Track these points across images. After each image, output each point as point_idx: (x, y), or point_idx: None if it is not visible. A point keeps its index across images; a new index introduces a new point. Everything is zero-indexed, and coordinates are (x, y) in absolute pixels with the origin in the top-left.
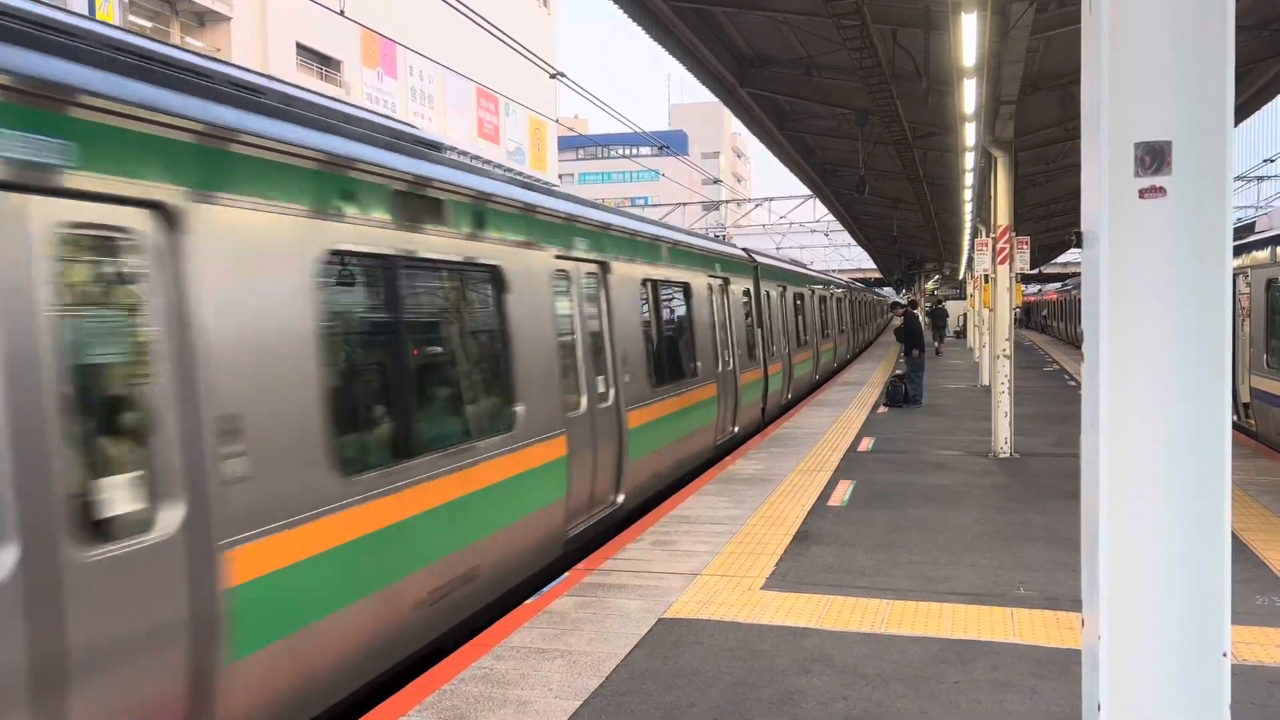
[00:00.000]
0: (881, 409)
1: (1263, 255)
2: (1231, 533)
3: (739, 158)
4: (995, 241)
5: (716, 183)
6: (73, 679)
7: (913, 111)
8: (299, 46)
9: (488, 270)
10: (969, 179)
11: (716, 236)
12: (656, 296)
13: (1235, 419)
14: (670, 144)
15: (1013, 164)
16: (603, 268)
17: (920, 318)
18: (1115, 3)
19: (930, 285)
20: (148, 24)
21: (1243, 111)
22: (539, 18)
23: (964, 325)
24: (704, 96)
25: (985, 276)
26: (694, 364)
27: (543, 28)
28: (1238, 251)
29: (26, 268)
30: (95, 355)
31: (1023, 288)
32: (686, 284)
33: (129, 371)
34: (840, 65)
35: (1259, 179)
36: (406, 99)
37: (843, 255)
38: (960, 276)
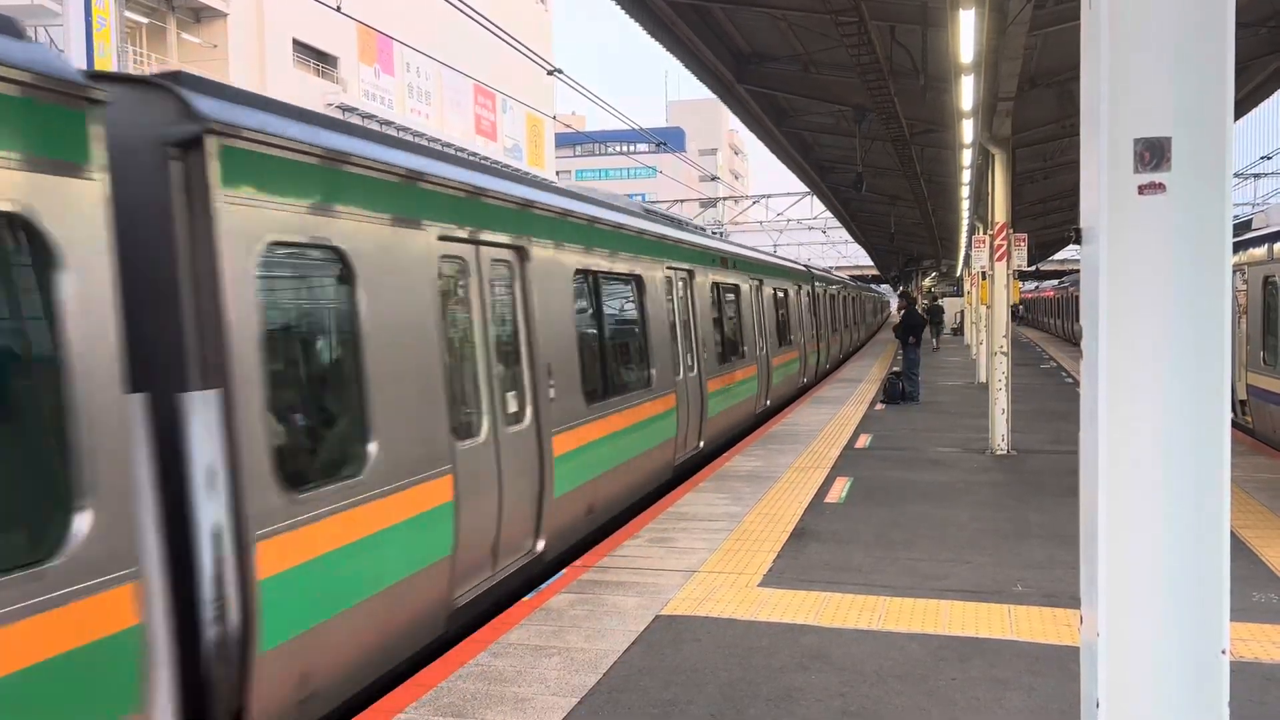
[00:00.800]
0: (879, 406)
1: (1260, 252)
2: (1229, 529)
3: (737, 155)
4: (993, 238)
5: (714, 180)
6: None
7: (910, 108)
8: (295, 43)
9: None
10: (966, 176)
11: (715, 234)
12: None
13: (1232, 416)
14: (668, 141)
15: (1010, 161)
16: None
17: (919, 312)
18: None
19: (927, 282)
20: (144, 20)
21: (1240, 108)
22: (536, 14)
23: (961, 322)
24: (702, 93)
25: (982, 274)
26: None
27: (540, 24)
28: (1235, 249)
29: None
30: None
31: (1020, 284)
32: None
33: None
34: (838, 62)
35: (1256, 176)
36: (403, 96)
37: (840, 252)
38: (958, 274)
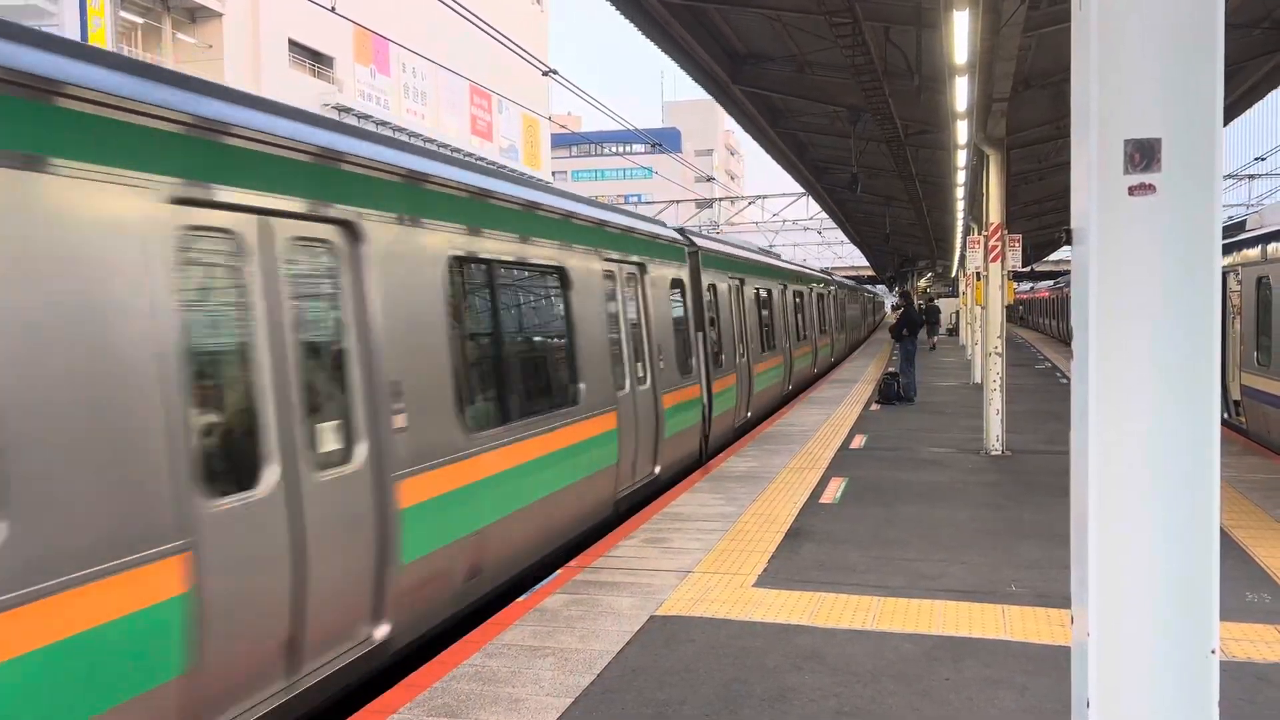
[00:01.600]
0: (874, 406)
1: (1253, 253)
2: (1222, 530)
3: (732, 155)
4: (987, 239)
5: (710, 180)
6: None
7: (905, 109)
8: (291, 43)
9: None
10: (961, 177)
11: (708, 232)
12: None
13: (1226, 416)
14: (664, 141)
15: (1005, 162)
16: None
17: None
18: (1105, 1)
19: (923, 283)
20: (139, 20)
21: (1234, 110)
22: (532, 14)
23: (956, 323)
24: (698, 94)
25: (977, 274)
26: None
27: (536, 24)
28: (1229, 249)
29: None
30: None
31: (1014, 285)
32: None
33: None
34: (833, 63)
35: (1250, 177)
36: (399, 96)
37: (835, 253)
38: (953, 274)
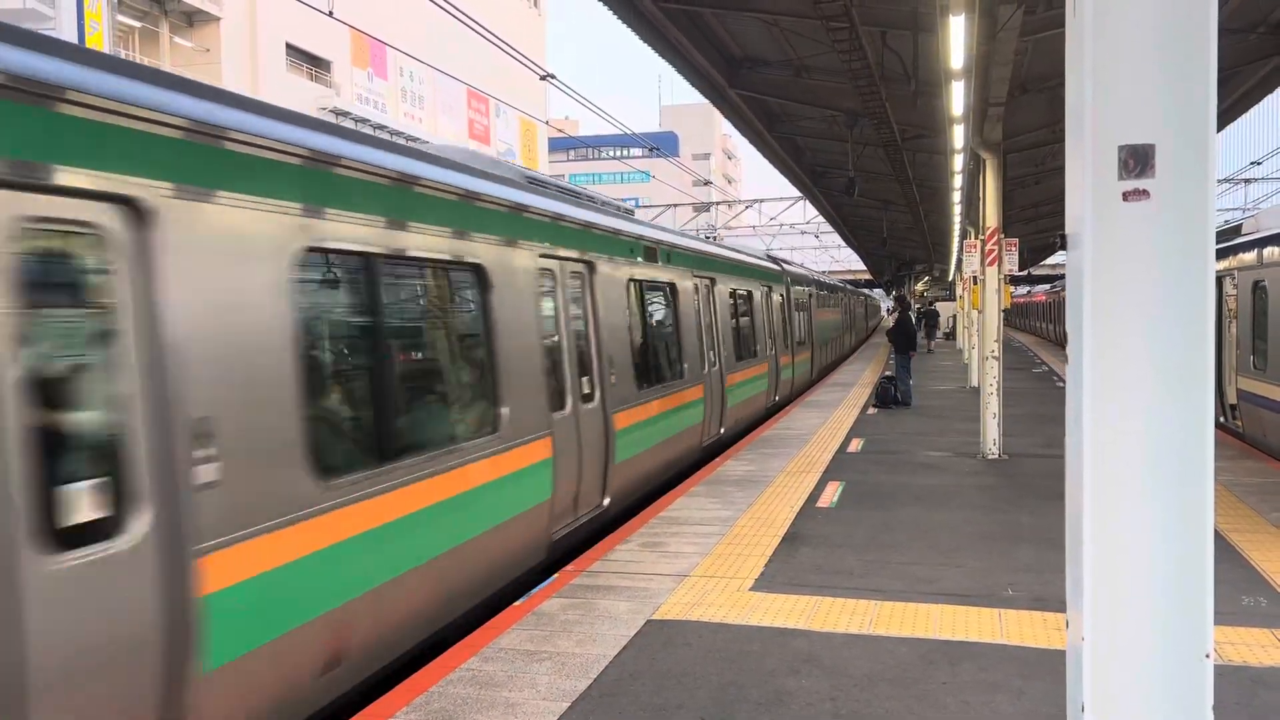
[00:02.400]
0: (871, 410)
1: (1249, 257)
2: (1218, 533)
3: (730, 159)
4: (984, 243)
5: (707, 184)
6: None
7: (902, 113)
8: (288, 47)
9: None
10: (958, 181)
11: (707, 239)
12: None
13: (1223, 420)
14: (661, 145)
15: (1001, 166)
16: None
17: (913, 317)
18: (1099, 6)
19: (920, 286)
20: (137, 24)
21: (1230, 114)
22: (529, 18)
23: (954, 326)
24: (695, 98)
25: (974, 278)
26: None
27: (533, 28)
28: (1225, 254)
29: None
30: None
31: (1011, 289)
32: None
33: None
34: (829, 67)
35: (1246, 181)
36: (397, 100)
37: (833, 256)
38: (950, 278)
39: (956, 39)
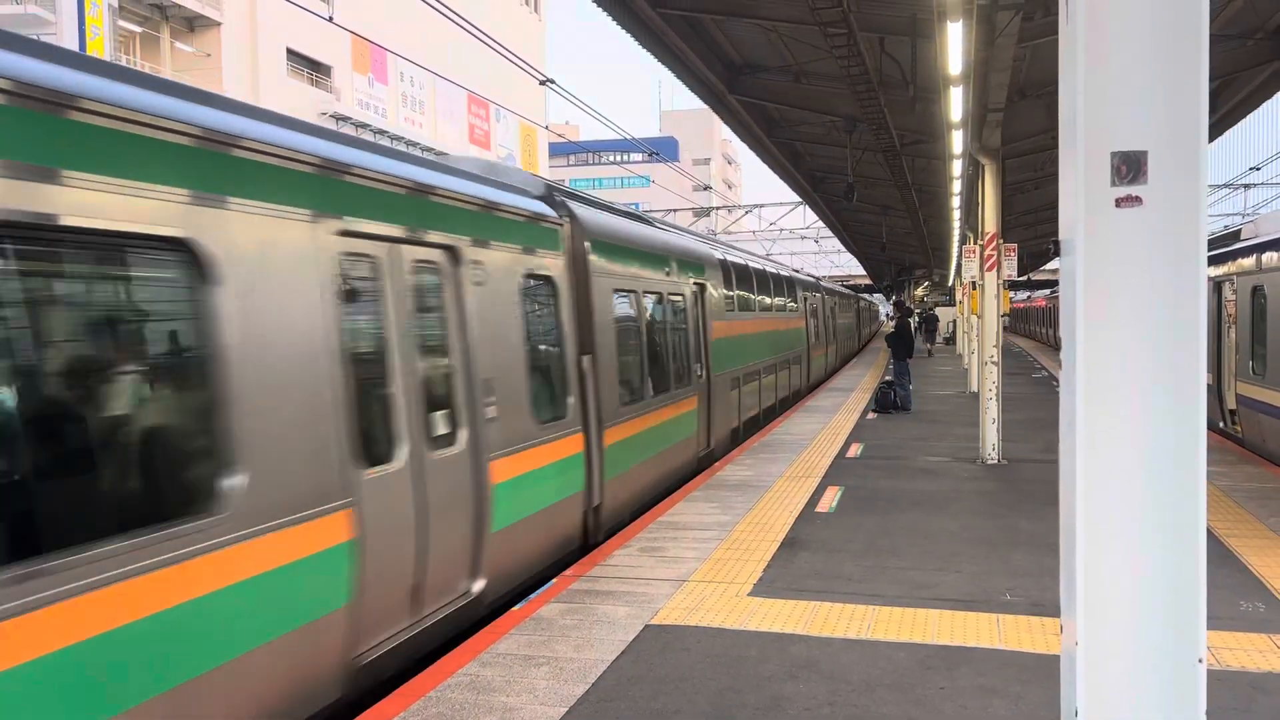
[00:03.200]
0: (870, 415)
1: (1248, 262)
2: (1217, 538)
3: (730, 164)
4: (983, 249)
5: (707, 189)
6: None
7: (900, 119)
8: (289, 52)
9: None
10: (957, 186)
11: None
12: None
13: (1222, 425)
14: (661, 150)
15: (1000, 171)
16: None
17: (912, 324)
18: (1091, 14)
19: (920, 291)
20: (137, 29)
21: (1228, 120)
22: (529, 23)
23: (954, 331)
24: (695, 103)
25: (973, 283)
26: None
27: (533, 33)
28: (1224, 259)
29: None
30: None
31: (1010, 294)
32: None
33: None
34: (828, 73)
35: (1245, 186)
36: (397, 105)
37: (833, 261)
38: (949, 283)
39: (954, 45)
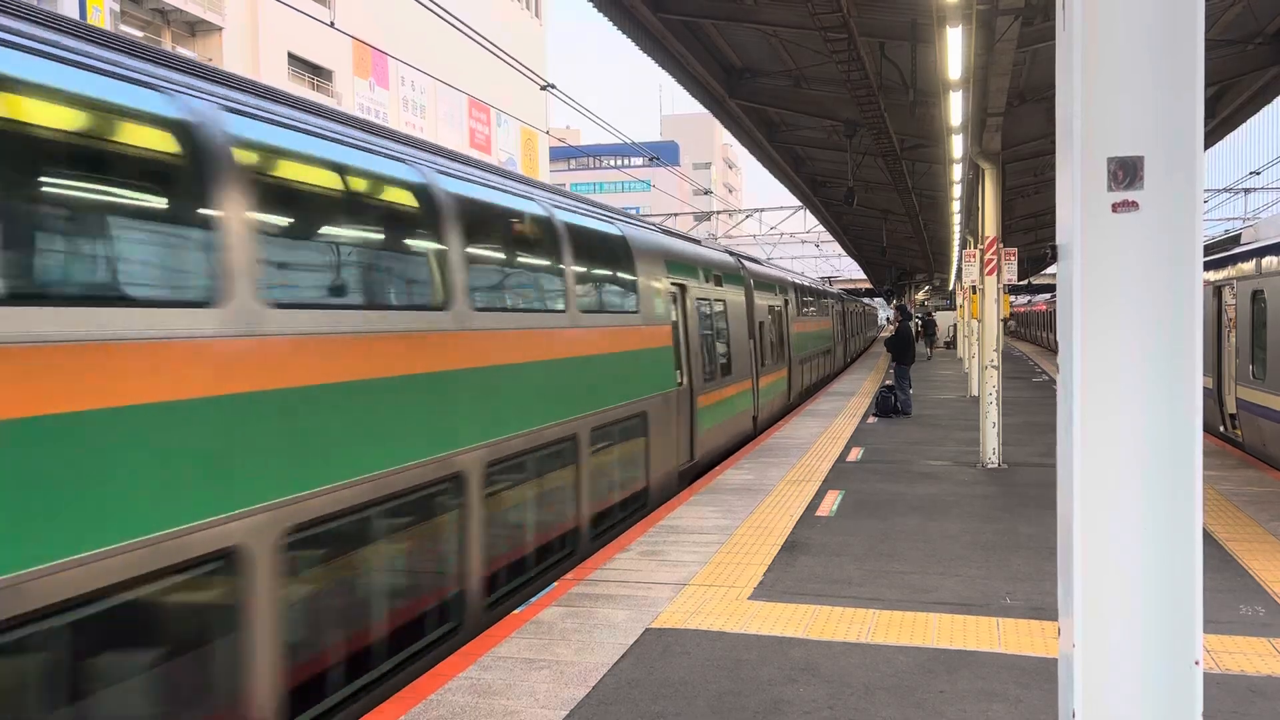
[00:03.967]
0: (871, 419)
1: (1248, 267)
2: (1217, 542)
3: (730, 168)
4: (983, 253)
5: (707, 193)
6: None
7: (900, 123)
8: (290, 56)
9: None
10: (957, 190)
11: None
12: None
13: (1222, 429)
14: (662, 154)
15: (1000, 176)
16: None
17: (912, 328)
18: (1088, 20)
19: (920, 295)
20: (139, 34)
21: (1228, 125)
22: (530, 28)
23: (954, 335)
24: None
25: (973, 288)
26: None
27: (534, 38)
28: (1224, 263)
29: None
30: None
31: (1010, 298)
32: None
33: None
34: (828, 77)
35: (1246, 191)
36: (398, 109)
37: (833, 265)
38: (950, 287)
39: (954, 50)
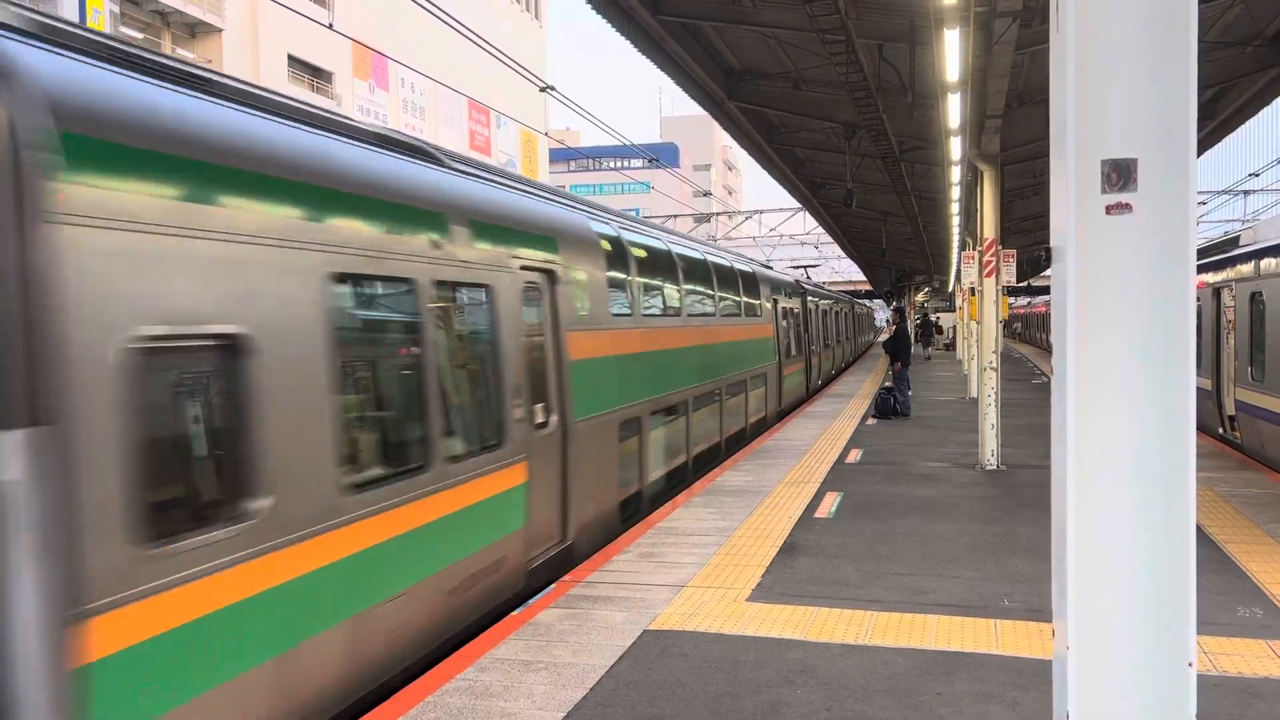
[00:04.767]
0: (870, 420)
1: (1247, 268)
2: (1216, 544)
3: (730, 170)
4: (981, 255)
5: (707, 195)
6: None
7: (899, 125)
8: (290, 58)
9: None
10: (956, 192)
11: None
12: None
13: (1221, 431)
14: (661, 156)
15: (999, 177)
16: None
17: (910, 329)
18: (1081, 23)
19: (920, 297)
20: (139, 35)
21: (1226, 127)
22: (530, 30)
23: (953, 337)
24: (695, 109)
25: (972, 289)
26: None
27: (533, 40)
28: (1223, 265)
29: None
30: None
31: (1009, 300)
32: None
33: None
34: (828, 79)
35: (1244, 193)
36: (398, 111)
37: (833, 267)
38: (949, 289)
39: (952, 52)
